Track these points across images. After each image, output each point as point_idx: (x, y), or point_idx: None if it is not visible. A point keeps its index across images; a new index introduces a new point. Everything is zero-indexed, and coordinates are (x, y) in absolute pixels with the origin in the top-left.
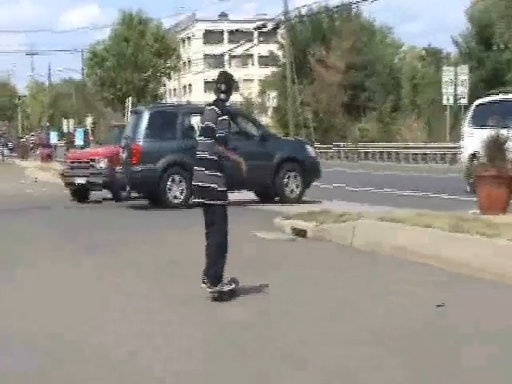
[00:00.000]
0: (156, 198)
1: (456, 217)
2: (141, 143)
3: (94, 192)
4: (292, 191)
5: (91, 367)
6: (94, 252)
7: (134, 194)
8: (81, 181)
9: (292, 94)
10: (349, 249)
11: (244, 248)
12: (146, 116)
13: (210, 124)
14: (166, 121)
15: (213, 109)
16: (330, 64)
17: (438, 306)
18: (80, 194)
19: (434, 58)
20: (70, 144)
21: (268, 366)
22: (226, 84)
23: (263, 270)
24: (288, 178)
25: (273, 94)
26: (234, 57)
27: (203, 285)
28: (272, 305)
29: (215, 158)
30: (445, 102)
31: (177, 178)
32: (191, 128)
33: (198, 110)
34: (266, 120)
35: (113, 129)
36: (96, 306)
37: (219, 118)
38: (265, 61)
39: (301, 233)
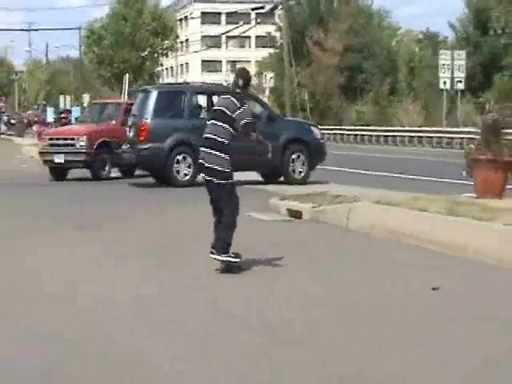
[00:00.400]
0: (162, 176)
1: (452, 201)
2: (148, 121)
3: (72, 170)
4: (298, 172)
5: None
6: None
7: (113, 174)
8: (59, 159)
9: (289, 75)
10: (344, 231)
11: (238, 229)
12: (153, 95)
13: (226, 110)
14: (174, 100)
15: (229, 98)
16: (327, 46)
17: (434, 289)
18: (58, 172)
19: (432, 41)
20: (61, 122)
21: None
22: (243, 79)
23: (258, 251)
24: (294, 159)
25: (270, 74)
26: (232, 37)
27: (212, 255)
28: (268, 284)
29: (225, 141)
30: (442, 86)
31: (183, 156)
32: (198, 107)
33: (204, 90)
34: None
35: (94, 106)
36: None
37: (242, 107)
38: (262, 42)
39: (297, 214)
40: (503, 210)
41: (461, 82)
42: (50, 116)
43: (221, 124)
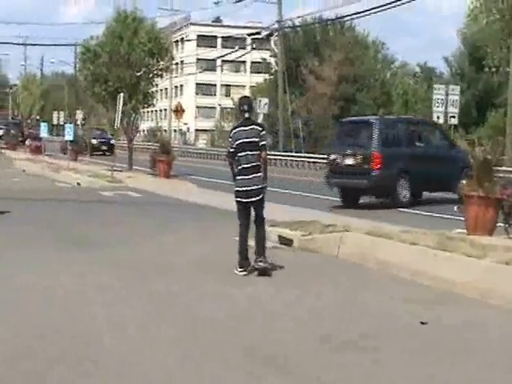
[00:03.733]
0: (387, 198)
1: (442, 235)
2: (379, 150)
3: None
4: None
5: None
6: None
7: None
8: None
9: (283, 102)
10: (334, 260)
11: (226, 252)
12: (377, 126)
13: (256, 139)
14: (393, 130)
15: (254, 128)
16: (322, 75)
17: (422, 323)
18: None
19: (427, 75)
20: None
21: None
22: (248, 105)
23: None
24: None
25: (264, 100)
26: (227, 62)
27: (261, 263)
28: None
29: (259, 164)
30: (435, 120)
31: (404, 180)
32: (412, 136)
33: (412, 122)
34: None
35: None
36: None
37: (262, 133)
38: (257, 68)
39: (287, 241)
40: (492, 246)
41: (454, 117)
42: (44, 131)
43: (255, 152)
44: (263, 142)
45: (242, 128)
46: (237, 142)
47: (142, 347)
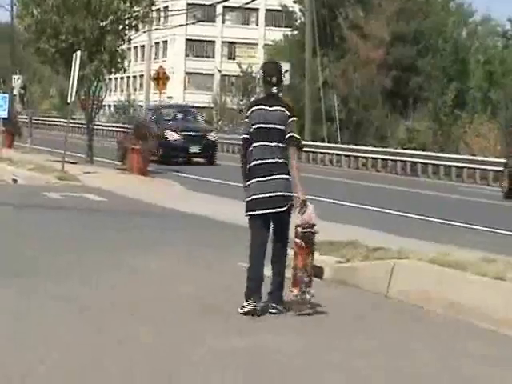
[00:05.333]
0: None
1: None
2: None
3: None
4: None
5: None
6: None
7: None
8: None
9: (312, 69)
10: (383, 301)
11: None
12: None
13: (281, 127)
14: None
15: (279, 109)
16: (369, 32)
17: None
18: None
19: None
20: None
21: None
22: (276, 76)
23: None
24: None
25: (284, 66)
26: (231, 9)
27: (274, 310)
28: None
29: (286, 161)
30: None
31: None
32: None
33: None
34: None
35: None
36: None
37: (291, 120)
38: (275, 18)
39: (315, 270)
40: None
41: None
42: None
43: (279, 144)
44: (291, 134)
45: (263, 107)
46: (254, 127)
47: None
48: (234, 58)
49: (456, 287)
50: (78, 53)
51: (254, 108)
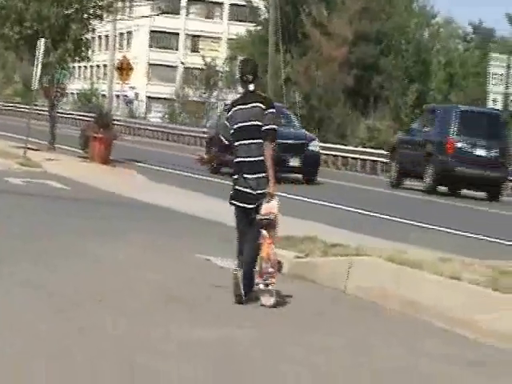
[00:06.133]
0: None
1: (494, 267)
2: None
3: None
4: None
5: None
6: None
7: None
8: None
9: (274, 65)
10: (342, 296)
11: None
12: None
13: (258, 123)
14: None
15: (257, 105)
16: (332, 31)
17: None
18: None
19: (483, 39)
20: None
21: None
22: (252, 74)
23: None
24: None
25: None
26: (196, 2)
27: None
28: None
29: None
30: (490, 104)
31: None
32: None
33: None
34: (234, 97)
35: None
36: None
37: (267, 112)
38: (238, 13)
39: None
40: None
41: None
42: None
43: (258, 141)
44: (268, 127)
45: (241, 106)
46: (235, 126)
47: None
48: (197, 51)
49: (413, 286)
50: (42, 40)
51: (234, 109)
